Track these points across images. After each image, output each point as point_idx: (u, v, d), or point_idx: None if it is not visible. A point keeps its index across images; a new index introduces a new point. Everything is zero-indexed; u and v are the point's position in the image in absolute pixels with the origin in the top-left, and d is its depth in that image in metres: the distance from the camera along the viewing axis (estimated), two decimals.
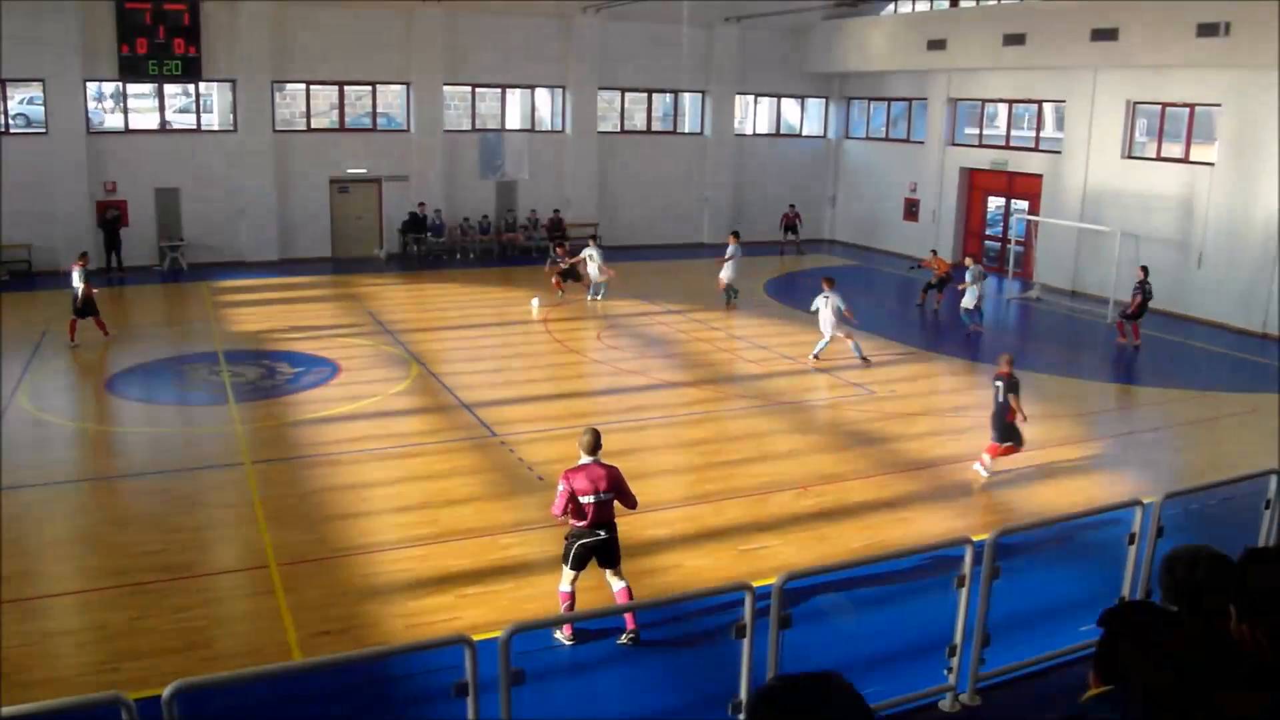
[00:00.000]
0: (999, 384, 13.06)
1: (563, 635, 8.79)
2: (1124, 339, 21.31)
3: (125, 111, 27.38)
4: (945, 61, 28.81)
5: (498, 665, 5.88)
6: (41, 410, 15.27)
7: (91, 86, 26.87)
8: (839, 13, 31.44)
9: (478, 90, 30.97)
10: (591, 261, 23.96)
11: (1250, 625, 3.37)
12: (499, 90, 31.38)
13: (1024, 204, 28.75)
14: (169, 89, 27.88)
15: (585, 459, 8.73)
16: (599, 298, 24.01)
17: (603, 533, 8.70)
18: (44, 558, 10.42)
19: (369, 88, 29.70)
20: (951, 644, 7.50)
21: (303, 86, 28.95)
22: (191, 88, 27.97)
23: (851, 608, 9.50)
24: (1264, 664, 3.35)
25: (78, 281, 18.80)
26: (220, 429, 14.66)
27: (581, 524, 8.64)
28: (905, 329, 22.64)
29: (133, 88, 27.61)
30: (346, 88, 29.32)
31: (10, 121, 26.20)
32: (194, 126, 28.25)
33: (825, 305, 18.49)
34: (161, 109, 27.90)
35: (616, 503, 8.80)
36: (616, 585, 8.89)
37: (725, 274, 23.56)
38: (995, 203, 30.34)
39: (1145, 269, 21.24)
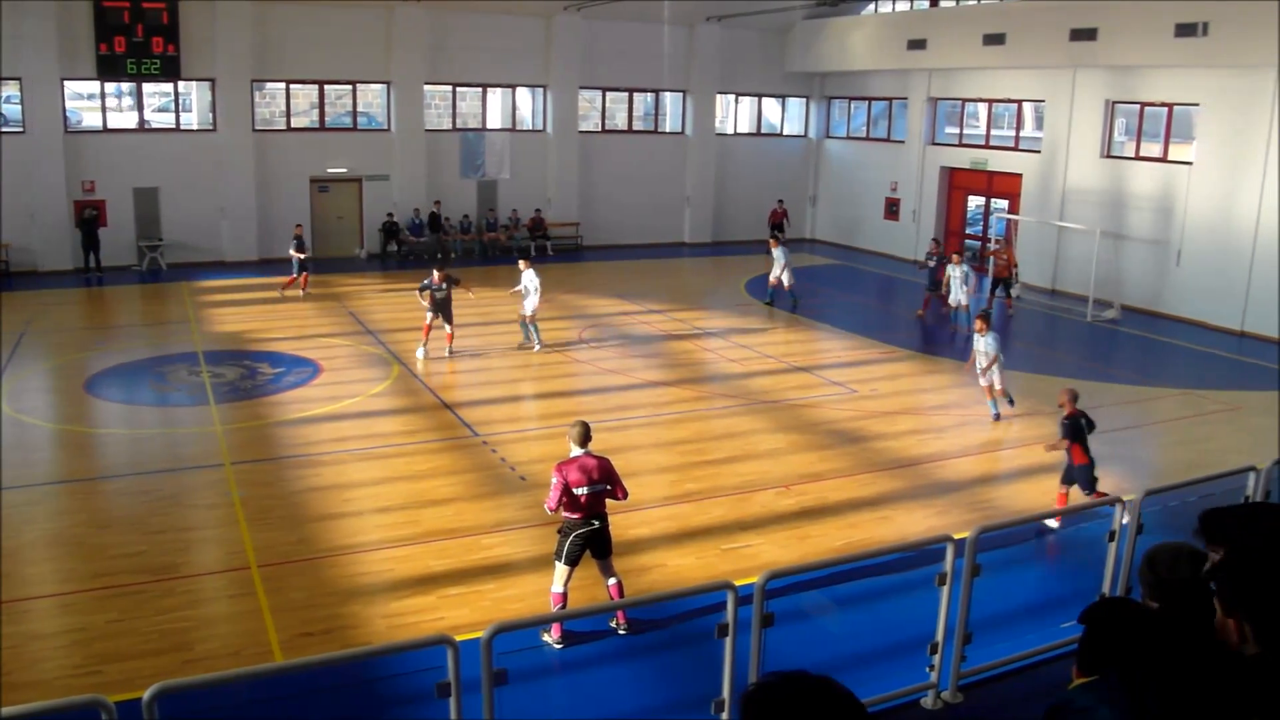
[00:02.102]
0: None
1: (551, 638, 8.78)
2: (922, 313, 23.06)
3: (104, 110, 27.20)
4: (925, 61, 28.92)
5: (480, 665, 5.88)
6: (19, 411, 15.14)
7: (79, 86, 26.64)
8: (820, 13, 31.51)
9: (459, 89, 30.89)
10: (528, 295, 19.18)
11: (1236, 619, 3.39)
12: (480, 89, 31.31)
13: (1004, 203, 28.90)
14: (147, 88, 27.67)
15: (576, 451, 8.77)
16: (535, 344, 19.14)
17: (596, 523, 8.75)
18: (23, 560, 10.32)
19: (349, 87, 29.55)
20: (933, 641, 7.53)
21: (282, 85, 28.79)
22: (170, 87, 27.78)
23: (833, 606, 9.53)
24: (1245, 658, 3.37)
25: (295, 251, 23.49)
26: (201, 430, 14.56)
27: (575, 515, 8.69)
28: (885, 328, 22.72)
29: (110, 86, 27.41)
30: (327, 87, 29.18)
31: None
32: (173, 126, 28.08)
33: (979, 344, 15.84)
34: (140, 108, 27.71)
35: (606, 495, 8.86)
36: (609, 581, 8.94)
37: (783, 276, 22.81)
38: (975, 202, 30.48)
39: (937, 241, 25.01)
